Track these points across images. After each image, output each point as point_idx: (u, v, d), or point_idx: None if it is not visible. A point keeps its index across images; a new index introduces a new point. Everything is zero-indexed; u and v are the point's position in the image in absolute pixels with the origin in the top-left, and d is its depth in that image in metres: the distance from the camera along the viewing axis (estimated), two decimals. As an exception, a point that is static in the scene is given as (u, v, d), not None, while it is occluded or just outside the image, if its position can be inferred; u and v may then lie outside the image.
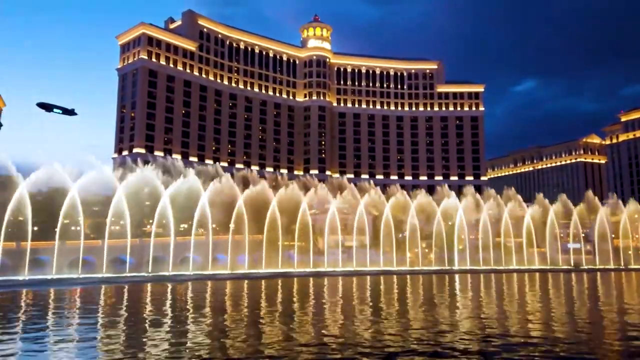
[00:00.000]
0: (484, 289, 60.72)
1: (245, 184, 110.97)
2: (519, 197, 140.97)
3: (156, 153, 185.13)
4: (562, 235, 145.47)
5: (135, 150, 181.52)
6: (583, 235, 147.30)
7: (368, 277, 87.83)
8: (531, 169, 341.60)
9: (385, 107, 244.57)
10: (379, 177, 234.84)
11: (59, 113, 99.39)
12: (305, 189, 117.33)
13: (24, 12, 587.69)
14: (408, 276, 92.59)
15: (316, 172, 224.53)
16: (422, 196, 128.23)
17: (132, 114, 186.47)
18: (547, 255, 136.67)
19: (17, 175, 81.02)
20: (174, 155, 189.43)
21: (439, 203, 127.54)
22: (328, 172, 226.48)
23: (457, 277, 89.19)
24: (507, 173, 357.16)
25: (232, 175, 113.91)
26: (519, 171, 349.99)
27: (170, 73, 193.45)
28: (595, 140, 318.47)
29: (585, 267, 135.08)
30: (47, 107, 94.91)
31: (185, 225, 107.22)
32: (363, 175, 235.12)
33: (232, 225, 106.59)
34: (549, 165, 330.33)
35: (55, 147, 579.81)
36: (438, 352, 20.26)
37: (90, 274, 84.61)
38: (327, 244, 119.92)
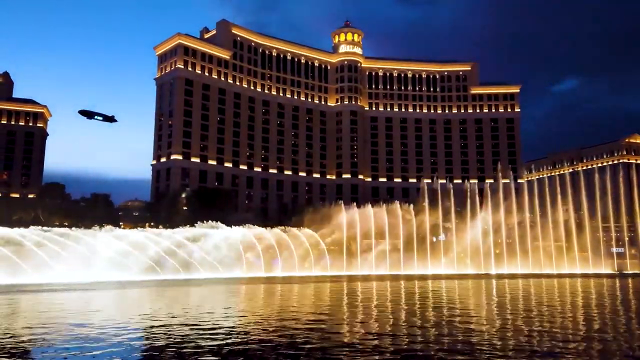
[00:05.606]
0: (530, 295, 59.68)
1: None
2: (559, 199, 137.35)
3: (192, 160, 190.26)
4: (605, 239, 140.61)
5: (172, 157, 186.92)
6: (627, 238, 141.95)
7: (402, 281, 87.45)
8: (571, 170, 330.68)
9: (418, 110, 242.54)
10: (412, 180, 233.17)
11: (100, 120, 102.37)
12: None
13: (65, 26, 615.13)
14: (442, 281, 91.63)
15: (348, 176, 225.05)
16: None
17: (170, 122, 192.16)
18: (589, 259, 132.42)
19: None
20: (209, 162, 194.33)
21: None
22: (360, 177, 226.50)
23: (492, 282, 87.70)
24: (545, 175, 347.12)
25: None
26: (558, 173, 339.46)
27: (205, 81, 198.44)
28: (639, 140, 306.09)
29: (630, 272, 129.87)
30: (89, 114, 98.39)
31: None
32: (396, 179, 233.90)
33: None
34: (589, 167, 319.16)
35: (98, 154, 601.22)
36: None
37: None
38: (360, 247, 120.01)
